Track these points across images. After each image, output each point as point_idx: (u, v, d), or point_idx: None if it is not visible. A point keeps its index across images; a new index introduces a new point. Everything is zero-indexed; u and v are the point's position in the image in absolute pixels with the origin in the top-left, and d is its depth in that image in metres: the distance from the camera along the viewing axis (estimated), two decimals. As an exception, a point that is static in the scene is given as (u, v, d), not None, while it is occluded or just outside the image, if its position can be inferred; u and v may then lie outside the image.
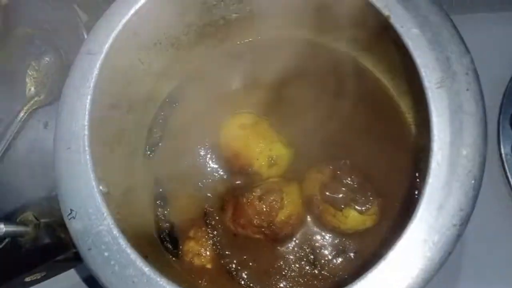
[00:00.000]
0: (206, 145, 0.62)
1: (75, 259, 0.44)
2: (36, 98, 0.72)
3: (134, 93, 0.59)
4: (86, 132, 0.45)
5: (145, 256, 0.53)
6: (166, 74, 0.63)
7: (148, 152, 0.63)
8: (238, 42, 0.67)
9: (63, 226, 0.44)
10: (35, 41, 0.75)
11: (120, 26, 0.48)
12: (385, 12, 0.43)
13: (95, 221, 0.42)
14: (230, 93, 0.65)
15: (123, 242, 0.42)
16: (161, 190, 0.62)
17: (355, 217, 0.54)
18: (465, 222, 0.37)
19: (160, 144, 0.64)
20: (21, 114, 0.71)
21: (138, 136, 0.62)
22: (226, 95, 0.65)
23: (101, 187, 0.49)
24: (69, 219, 0.43)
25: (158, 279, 0.40)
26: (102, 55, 0.47)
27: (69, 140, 0.45)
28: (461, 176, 0.37)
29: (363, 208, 0.54)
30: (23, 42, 0.76)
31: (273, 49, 0.65)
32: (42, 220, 0.44)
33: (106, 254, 0.41)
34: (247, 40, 0.67)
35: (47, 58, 0.74)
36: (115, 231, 0.42)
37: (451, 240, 0.36)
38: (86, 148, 0.45)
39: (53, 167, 0.46)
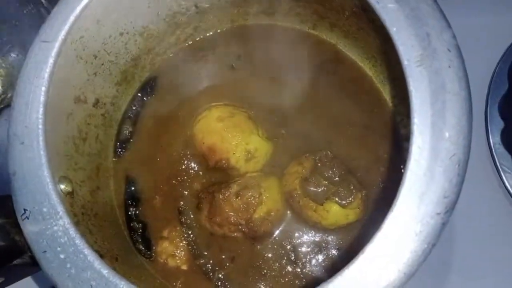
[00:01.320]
0: (181, 140, 0.59)
1: (34, 264, 0.40)
2: (2, 96, 0.69)
3: (101, 86, 0.55)
4: (40, 126, 0.41)
5: (115, 259, 0.51)
6: (136, 66, 0.60)
7: (119, 149, 0.60)
8: (212, 32, 0.63)
9: (18, 227, 0.41)
10: (2, 38, 0.72)
11: (77, 11, 0.44)
12: (360, -12, 0.40)
13: (49, 221, 0.39)
14: (205, 86, 0.62)
15: (80, 243, 0.38)
16: (133, 188, 0.58)
17: (337, 211, 0.51)
18: (450, 210, 0.33)
19: (131, 140, 0.60)
20: (-13, 113, 0.67)
21: (107, 132, 0.59)
22: (202, 88, 0.62)
23: (63, 186, 0.46)
24: (22, 220, 0.40)
25: (118, 282, 0.37)
26: (58, 43, 0.44)
27: (23, 135, 0.42)
28: (445, 161, 0.34)
29: (345, 202, 0.51)
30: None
31: (249, 37, 0.62)
32: (-6, 222, 0.40)
33: (61, 256, 0.38)
34: (222, 30, 0.63)
35: (13, 55, 0.70)
36: (72, 231, 0.38)
37: (435, 229, 0.33)
38: (40, 143, 0.41)
39: (7, 164, 0.42)
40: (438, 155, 0.34)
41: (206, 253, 0.55)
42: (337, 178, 0.53)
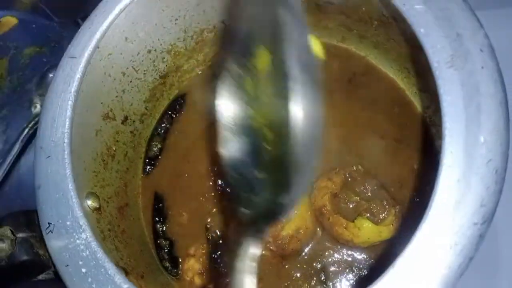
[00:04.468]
0: (209, 157, 0.58)
1: (57, 280, 0.40)
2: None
3: (129, 103, 0.56)
4: (66, 140, 0.42)
5: (141, 276, 0.50)
6: (164, 83, 0.60)
7: (148, 166, 0.60)
8: (240, 48, 0.63)
9: (42, 242, 0.41)
10: (42, 59, 0.75)
11: (103, 28, 0.45)
12: (386, -8, 0.38)
13: (72, 235, 0.39)
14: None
15: (101, 257, 0.37)
16: (160, 205, 0.58)
17: (370, 228, 0.49)
18: (488, 220, 0.31)
19: (160, 157, 0.60)
20: (26, 130, 0.69)
21: (136, 149, 0.59)
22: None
23: (90, 202, 0.46)
24: (47, 233, 0.40)
25: (137, 296, 0.36)
26: (84, 58, 0.45)
27: (49, 149, 0.42)
28: (481, 168, 0.32)
29: (378, 218, 0.49)
30: (32, 60, 0.76)
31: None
32: (19, 235, 0.40)
33: (83, 270, 0.37)
34: (250, 46, 0.63)
35: (51, 75, 0.73)
36: (93, 245, 0.38)
37: (472, 242, 0.30)
38: (66, 157, 0.41)
39: (34, 178, 0.43)
40: (473, 161, 0.32)
41: (233, 272, 0.53)
42: (369, 194, 0.51)
